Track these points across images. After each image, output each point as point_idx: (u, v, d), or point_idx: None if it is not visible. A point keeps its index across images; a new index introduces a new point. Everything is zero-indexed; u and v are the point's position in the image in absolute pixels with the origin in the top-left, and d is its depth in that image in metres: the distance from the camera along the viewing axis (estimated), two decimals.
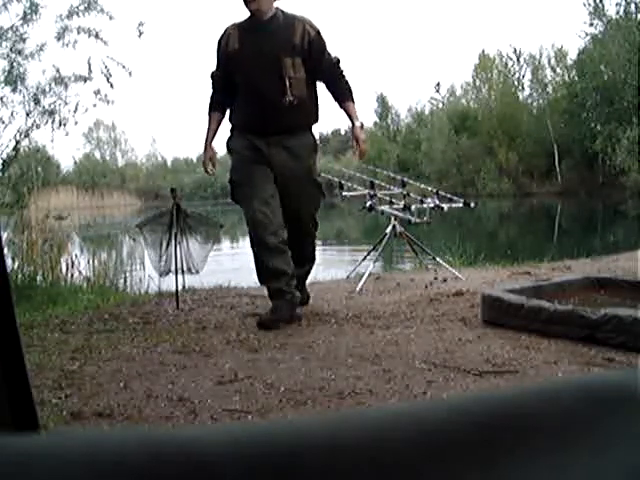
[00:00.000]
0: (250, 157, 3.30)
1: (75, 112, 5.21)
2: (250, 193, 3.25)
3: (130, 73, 5.31)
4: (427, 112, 44.30)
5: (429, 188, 5.29)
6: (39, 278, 4.60)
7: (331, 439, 0.25)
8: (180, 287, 3.73)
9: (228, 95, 3.38)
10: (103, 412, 1.92)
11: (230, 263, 7.94)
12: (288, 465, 0.24)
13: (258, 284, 4.52)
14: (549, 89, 38.37)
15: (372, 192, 4.78)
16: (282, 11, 3.24)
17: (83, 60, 5.60)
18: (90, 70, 5.18)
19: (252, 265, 3.35)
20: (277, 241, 3.17)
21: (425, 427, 0.26)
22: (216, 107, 3.45)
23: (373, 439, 0.25)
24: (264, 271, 3.25)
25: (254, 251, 3.28)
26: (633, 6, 31.40)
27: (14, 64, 5.01)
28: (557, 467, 0.26)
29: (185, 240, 3.68)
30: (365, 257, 4.95)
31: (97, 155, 51.54)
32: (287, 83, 3.21)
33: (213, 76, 3.42)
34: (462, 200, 4.97)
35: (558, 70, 38.24)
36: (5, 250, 4.35)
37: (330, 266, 6.44)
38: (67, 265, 4.89)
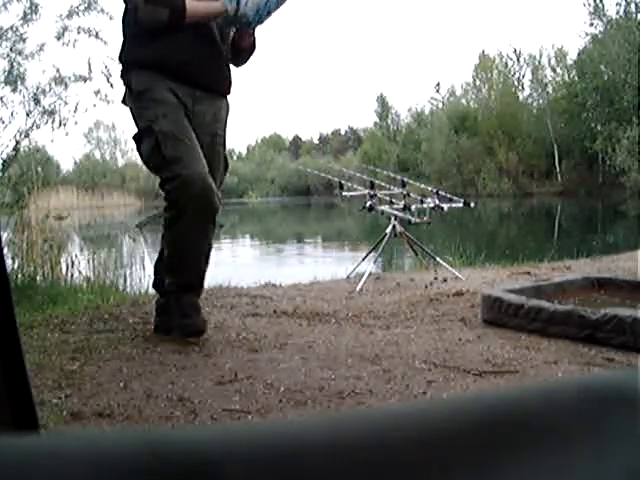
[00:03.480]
0: (178, 106, 2.70)
1: (75, 112, 5.21)
2: (192, 148, 2.66)
3: None
4: (427, 112, 44.38)
5: (429, 188, 5.30)
6: (39, 278, 4.60)
7: (331, 439, 0.25)
8: None
9: None
10: (103, 412, 1.92)
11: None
12: (288, 465, 0.24)
13: (259, 283, 4.54)
14: (549, 89, 38.41)
15: (372, 192, 4.79)
16: None
17: (83, 60, 5.60)
18: (90, 70, 5.18)
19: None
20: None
21: (425, 427, 0.26)
22: None
23: (373, 439, 0.25)
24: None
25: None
26: (633, 6, 31.43)
27: (14, 64, 5.01)
28: (557, 467, 0.26)
29: None
30: (365, 257, 4.96)
31: (97, 155, 51.67)
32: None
33: None
34: (462, 200, 4.98)
35: (558, 70, 38.31)
36: (5, 250, 4.35)
37: (330, 265, 6.44)
38: (67, 265, 4.89)
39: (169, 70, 2.67)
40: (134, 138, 2.76)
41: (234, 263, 8.38)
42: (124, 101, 2.82)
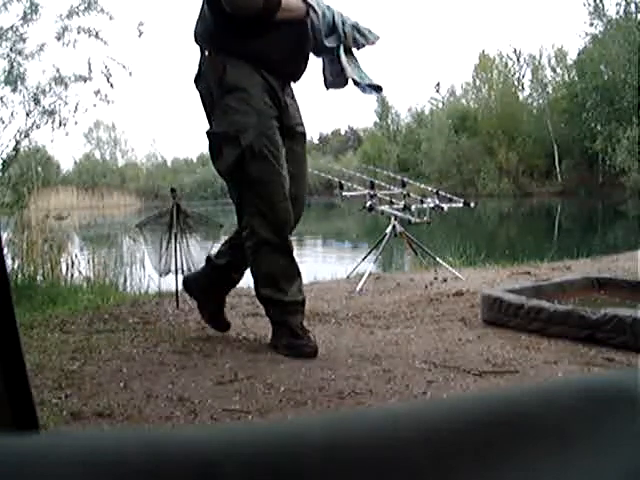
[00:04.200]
0: (270, 113, 2.52)
1: (75, 112, 5.21)
2: (277, 172, 2.52)
3: (130, 73, 5.31)
4: (427, 112, 44.33)
5: (429, 188, 5.30)
6: (39, 278, 4.60)
7: (331, 439, 0.25)
8: (180, 287, 3.73)
9: None
10: (103, 412, 1.92)
11: None
12: (288, 465, 0.24)
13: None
14: (549, 89, 38.37)
15: (372, 192, 4.78)
16: None
17: (83, 60, 5.62)
18: (90, 70, 5.19)
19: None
20: None
21: (425, 427, 0.26)
22: None
23: (373, 439, 0.25)
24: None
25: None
26: (633, 6, 31.39)
27: (14, 64, 5.01)
28: (557, 467, 0.26)
29: (185, 240, 3.68)
30: (365, 257, 4.96)
31: (97, 155, 51.65)
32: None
33: None
34: (462, 200, 4.98)
35: (558, 70, 38.26)
36: (5, 250, 4.35)
37: (330, 265, 6.45)
38: (67, 265, 4.89)
39: (269, 66, 2.51)
40: (208, 134, 2.57)
41: None
42: (196, 81, 2.61)
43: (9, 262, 4.40)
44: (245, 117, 2.46)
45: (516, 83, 40.03)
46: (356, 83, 2.69)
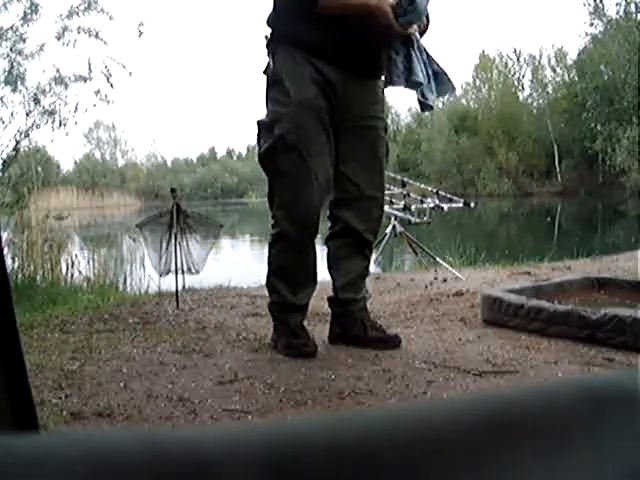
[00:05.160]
0: (311, 106, 2.41)
1: (75, 112, 5.22)
2: (307, 167, 2.46)
3: (130, 73, 5.32)
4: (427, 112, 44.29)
5: (429, 188, 5.30)
6: (39, 278, 4.60)
7: (331, 439, 0.25)
8: (180, 287, 3.73)
9: None
10: (103, 412, 1.92)
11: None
12: (288, 465, 0.24)
13: (259, 283, 4.54)
14: (549, 89, 38.40)
15: None
16: None
17: (83, 60, 5.63)
18: (90, 70, 5.20)
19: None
20: None
21: (425, 427, 0.26)
22: None
23: (373, 439, 0.25)
24: None
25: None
26: (633, 6, 31.40)
27: (14, 64, 5.01)
28: (557, 467, 0.26)
29: (185, 240, 3.69)
30: None
31: (97, 155, 51.68)
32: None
33: None
34: (462, 200, 4.98)
35: (558, 70, 38.31)
36: (5, 250, 4.36)
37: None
38: (67, 265, 4.89)
39: (326, 56, 2.40)
40: (258, 122, 2.51)
41: (234, 263, 8.39)
42: (266, 71, 2.52)
43: (9, 262, 4.40)
44: (283, 108, 2.39)
45: (516, 83, 40.06)
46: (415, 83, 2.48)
